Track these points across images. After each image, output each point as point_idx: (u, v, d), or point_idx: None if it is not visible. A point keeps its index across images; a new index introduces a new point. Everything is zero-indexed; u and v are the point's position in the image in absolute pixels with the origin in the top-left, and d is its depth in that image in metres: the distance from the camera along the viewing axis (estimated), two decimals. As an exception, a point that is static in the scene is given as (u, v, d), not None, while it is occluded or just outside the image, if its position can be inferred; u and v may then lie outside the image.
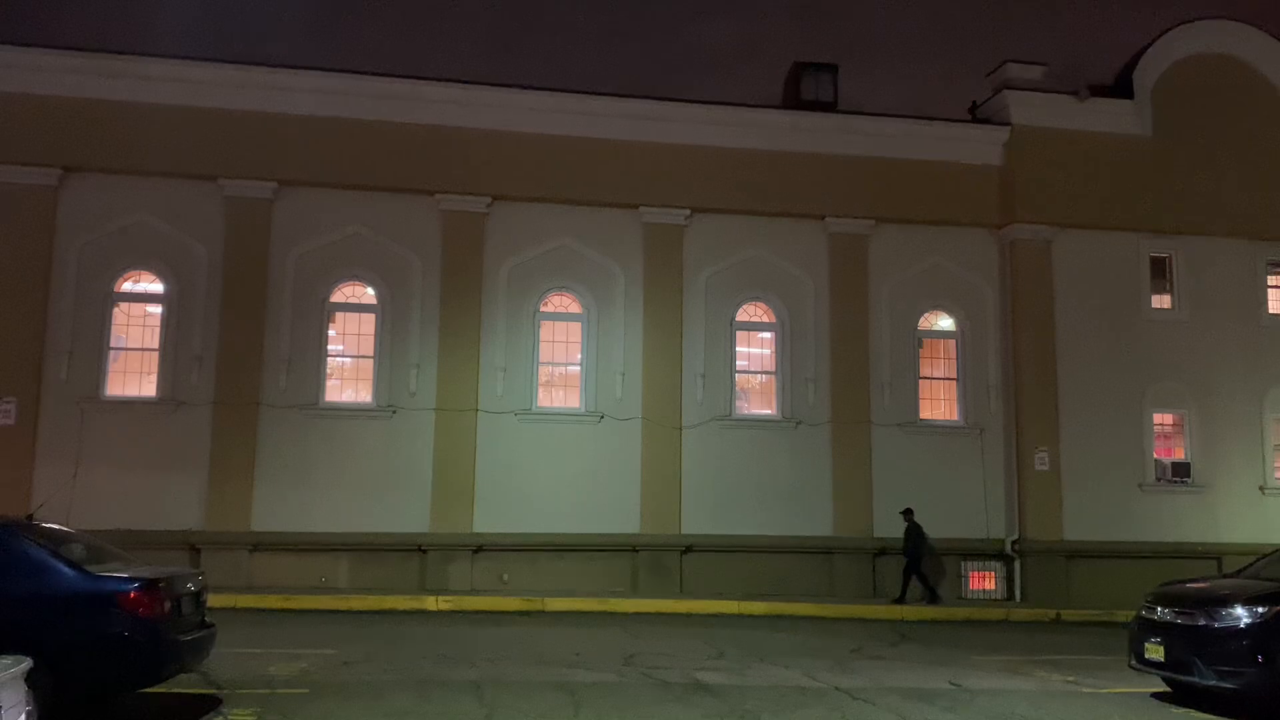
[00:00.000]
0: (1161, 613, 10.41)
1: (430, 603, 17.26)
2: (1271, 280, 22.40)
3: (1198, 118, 22.10)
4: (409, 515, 19.06)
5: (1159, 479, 21.30)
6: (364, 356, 19.85)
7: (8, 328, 18.23)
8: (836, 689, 10.44)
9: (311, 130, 19.53)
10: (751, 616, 17.40)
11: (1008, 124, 21.65)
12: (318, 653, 11.74)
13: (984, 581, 20.58)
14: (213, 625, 8.95)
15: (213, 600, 9.93)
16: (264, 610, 16.13)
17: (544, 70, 42.04)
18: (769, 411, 20.97)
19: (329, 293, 19.75)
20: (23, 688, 4.89)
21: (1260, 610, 9.58)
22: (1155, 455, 21.45)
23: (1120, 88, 22.17)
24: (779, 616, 17.53)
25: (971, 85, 23.09)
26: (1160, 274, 21.97)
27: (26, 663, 4.97)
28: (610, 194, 20.44)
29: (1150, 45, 22.32)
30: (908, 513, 19.55)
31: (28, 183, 18.58)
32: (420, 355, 19.65)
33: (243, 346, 19.03)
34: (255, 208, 19.42)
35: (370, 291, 19.96)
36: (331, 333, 19.89)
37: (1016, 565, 20.61)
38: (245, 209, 19.38)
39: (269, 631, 13.62)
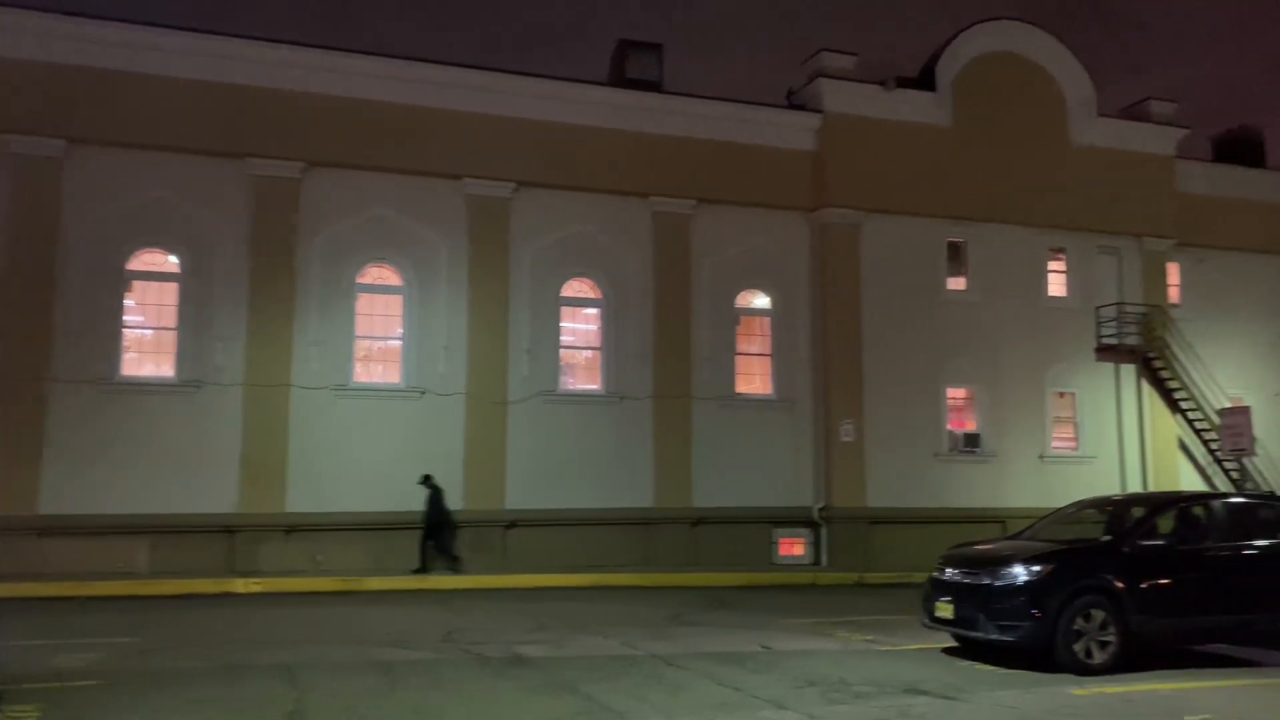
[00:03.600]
0: (950, 573, 11.20)
1: (239, 585, 16.56)
2: (1052, 265, 24.37)
3: (991, 110, 23.69)
4: (216, 495, 18.21)
5: (952, 449, 22.89)
6: (166, 328, 18.73)
7: None
8: (653, 656, 10.72)
9: (106, 85, 18.20)
10: (574, 588, 17.60)
11: (821, 111, 22.54)
12: (114, 641, 11.07)
13: (793, 548, 21.58)
14: (-9, 618, 8.31)
15: (-8, 591, 9.21)
16: (56, 599, 15.04)
17: (375, 41, 40.68)
18: (594, 387, 21.17)
19: (126, 260, 18.50)
20: None
21: (1036, 569, 10.45)
22: (949, 427, 23.04)
23: (925, 80, 23.48)
24: (601, 587, 17.81)
25: (792, 71, 23.90)
26: (956, 257, 23.52)
27: None
28: (434, 164, 20.04)
29: (950, 41, 23.73)
30: (427, 479, 18.65)
31: None
32: (228, 328, 18.73)
33: (28, 317, 17.61)
34: (43, 167, 17.94)
35: (173, 260, 18.84)
36: (130, 303, 18.66)
37: (823, 531, 21.70)
38: (32, 169, 17.87)
39: (61, 621, 12.72)
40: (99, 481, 17.63)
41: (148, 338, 18.81)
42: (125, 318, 18.55)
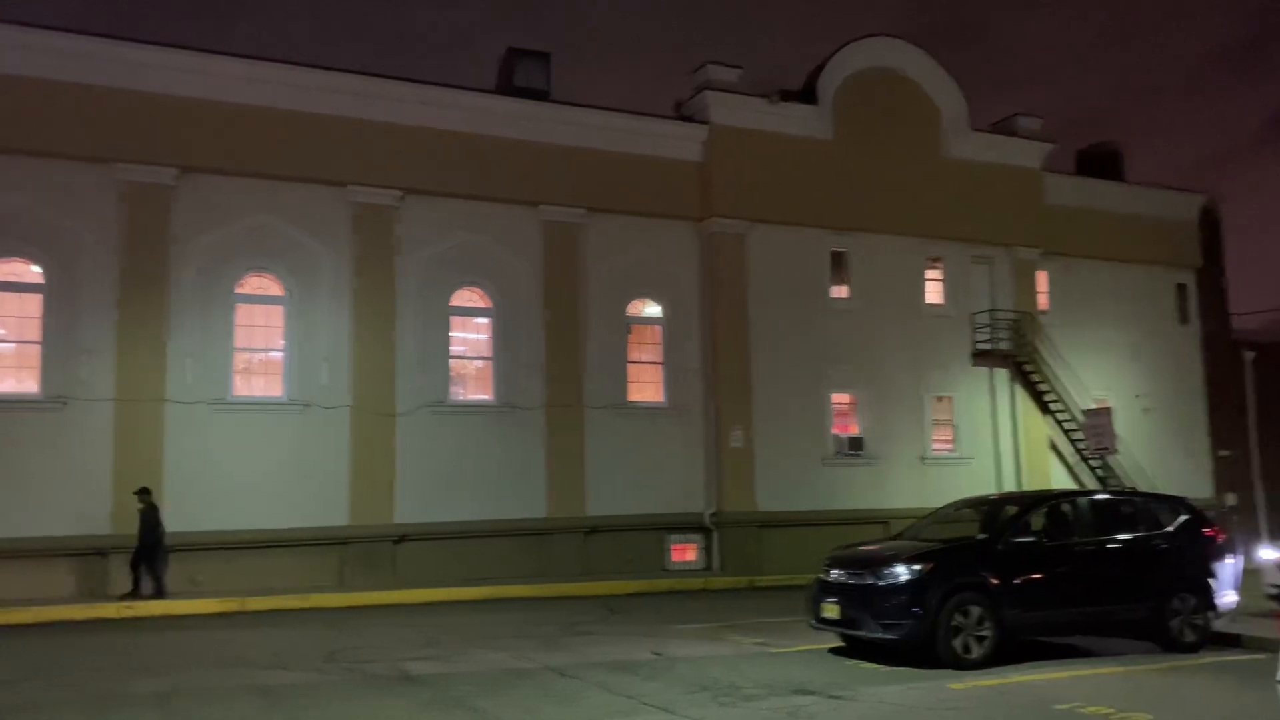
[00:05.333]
0: (836, 574, 11.48)
1: (110, 610, 15.77)
2: (929, 274, 25.25)
3: (871, 124, 24.41)
4: (85, 516, 17.30)
5: (837, 453, 23.46)
6: (29, 342, 17.75)
7: None
8: (546, 667, 10.67)
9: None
10: (466, 603, 17.36)
11: (707, 122, 22.85)
12: (-30, 676, 10.42)
13: (685, 554, 21.77)
14: None
15: None
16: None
17: (254, 45, 39.57)
18: (485, 397, 20.95)
19: (-17, 270, 17.49)
20: None
21: (917, 568, 10.79)
22: (834, 431, 23.60)
23: (807, 94, 24.04)
24: (493, 600, 17.63)
25: (679, 83, 24.18)
26: (839, 266, 24.12)
27: None
28: (316, 171, 19.54)
29: (832, 56, 24.37)
30: (144, 492, 16.92)
31: None
32: (95, 340, 17.84)
33: None
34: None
35: (35, 269, 17.88)
36: (-14, 315, 17.63)
37: (715, 537, 21.95)
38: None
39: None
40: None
41: (9, 352, 17.79)
42: (-18, 331, 17.52)
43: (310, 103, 19.53)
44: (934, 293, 25.26)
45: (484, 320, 21.22)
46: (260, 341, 19.38)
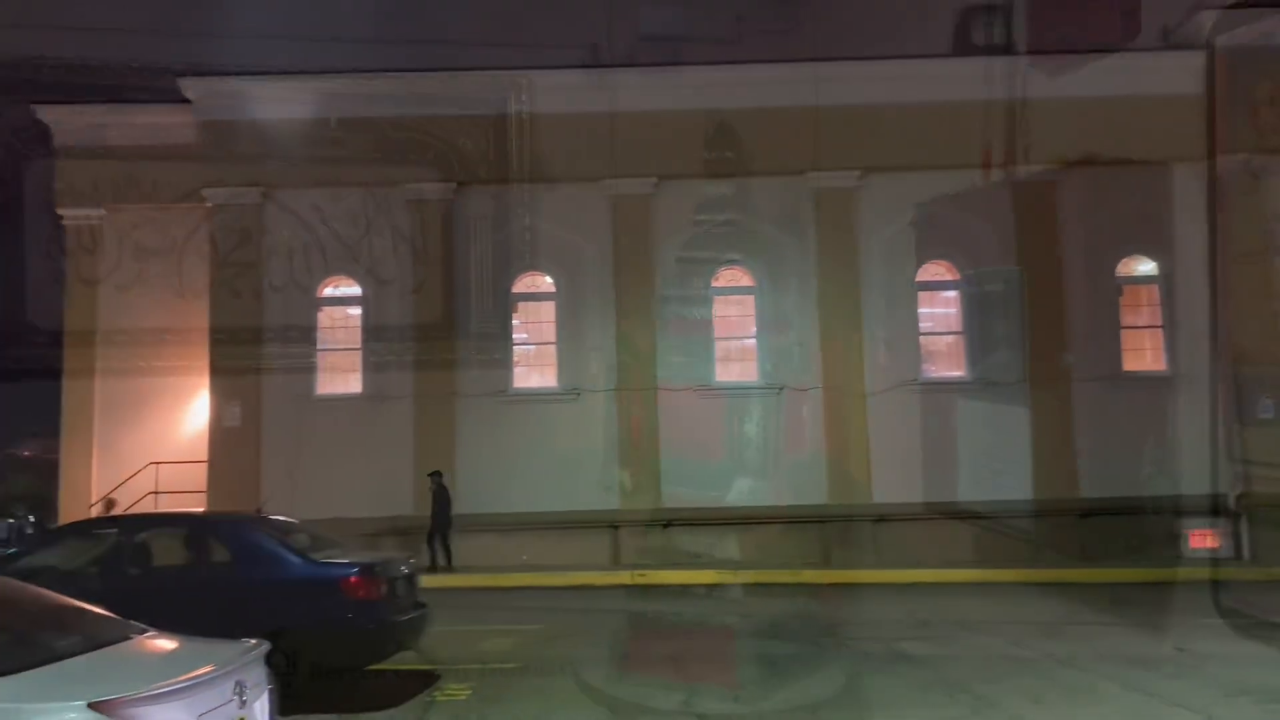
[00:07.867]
0: None
1: (625, 577, 17.60)
2: None
3: None
4: (597, 493, 19.45)
5: None
6: (547, 343, 20.45)
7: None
8: (1048, 656, 10.01)
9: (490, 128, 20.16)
10: (952, 585, 16.87)
11: (1207, 48, 19.88)
12: (524, 629, 12.24)
13: (1205, 540, 19.13)
14: (426, 605, 9.45)
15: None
16: (469, 589, 16.90)
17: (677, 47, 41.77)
18: (958, 373, 20.21)
19: (510, 283, 20.40)
20: (264, 669, 5.31)
21: None
22: (1404, 396, 19.36)
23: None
24: (981, 584, 16.90)
25: (1161, 9, 21.36)
26: (1399, 194, 19.71)
27: (266, 645, 5.38)
28: (776, 163, 20.11)
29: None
30: (436, 475, 18.44)
31: (239, 203, 20.07)
32: (599, 339, 20.04)
33: (435, 343, 19.88)
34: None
35: (548, 280, 20.51)
36: (516, 322, 20.59)
37: (1243, 521, 19.09)
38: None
39: (476, 609, 14.22)
40: (499, 482, 19.40)
41: (533, 352, 20.67)
42: (514, 335, 20.44)
43: (775, 97, 20.07)
44: None
45: (952, 293, 20.48)
46: (736, 330, 20.49)
